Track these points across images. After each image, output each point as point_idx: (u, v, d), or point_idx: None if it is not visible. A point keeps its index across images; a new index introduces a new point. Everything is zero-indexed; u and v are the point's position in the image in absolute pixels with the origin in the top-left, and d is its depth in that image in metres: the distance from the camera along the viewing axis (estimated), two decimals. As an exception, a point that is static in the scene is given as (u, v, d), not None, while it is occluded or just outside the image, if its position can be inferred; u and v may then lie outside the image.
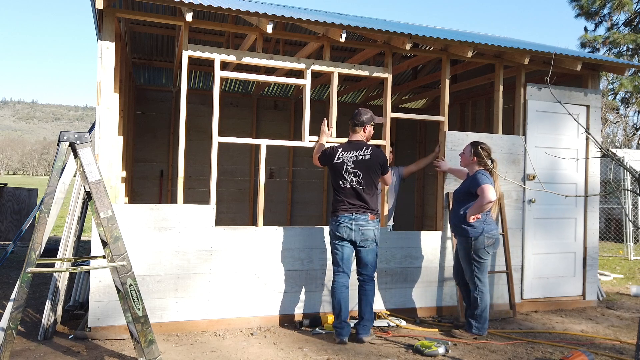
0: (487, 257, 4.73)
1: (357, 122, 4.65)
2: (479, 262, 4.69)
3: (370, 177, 4.56)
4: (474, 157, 4.80)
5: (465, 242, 4.70)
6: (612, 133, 23.23)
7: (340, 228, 4.50)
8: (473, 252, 4.67)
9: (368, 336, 4.48)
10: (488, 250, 4.69)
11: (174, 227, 4.61)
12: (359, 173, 4.53)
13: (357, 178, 4.53)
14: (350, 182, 4.54)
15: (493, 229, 4.71)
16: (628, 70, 6.46)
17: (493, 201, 4.53)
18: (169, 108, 8.12)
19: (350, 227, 4.48)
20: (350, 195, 4.54)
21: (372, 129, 4.73)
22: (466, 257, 4.74)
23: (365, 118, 4.65)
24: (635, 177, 3.14)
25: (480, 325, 4.72)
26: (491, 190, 4.52)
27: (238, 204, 8.50)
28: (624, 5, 17.68)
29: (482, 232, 4.63)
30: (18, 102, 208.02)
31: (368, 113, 4.68)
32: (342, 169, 4.55)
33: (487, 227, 4.67)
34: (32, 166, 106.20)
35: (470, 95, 8.21)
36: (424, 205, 9.36)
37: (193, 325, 4.66)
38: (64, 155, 3.49)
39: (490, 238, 4.67)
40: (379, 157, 4.63)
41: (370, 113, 4.70)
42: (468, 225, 4.67)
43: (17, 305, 3.33)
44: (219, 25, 5.08)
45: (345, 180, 4.55)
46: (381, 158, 4.64)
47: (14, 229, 9.75)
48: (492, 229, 4.70)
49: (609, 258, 10.37)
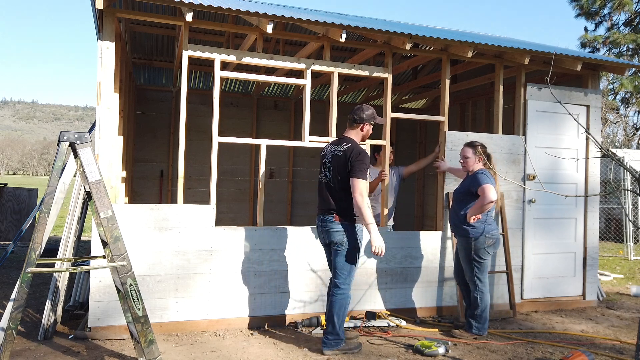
0: (488, 257, 4.72)
1: (356, 118, 4.23)
2: (479, 262, 4.69)
3: (338, 174, 4.09)
4: (479, 158, 4.79)
5: (466, 242, 4.70)
6: (612, 133, 23.24)
7: (317, 230, 4.32)
8: (473, 253, 4.67)
9: (329, 350, 4.09)
10: (488, 251, 4.69)
11: (174, 227, 4.61)
12: (331, 169, 4.14)
13: (329, 173, 4.16)
14: (324, 177, 4.21)
15: (493, 229, 4.71)
16: (628, 70, 6.46)
17: (494, 201, 4.52)
18: (169, 108, 8.12)
19: (320, 228, 4.24)
20: (322, 192, 4.23)
21: (371, 129, 4.31)
22: (466, 258, 4.74)
23: (366, 115, 4.22)
24: (635, 177, 3.14)
25: (481, 325, 4.72)
26: (492, 190, 4.51)
27: (238, 204, 8.50)
28: (624, 5, 17.68)
29: (483, 232, 4.63)
30: (18, 102, 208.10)
31: (369, 110, 4.26)
32: (321, 163, 4.28)
33: (488, 227, 4.66)
34: (32, 166, 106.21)
35: (470, 95, 8.21)
36: (424, 205, 9.36)
37: (193, 325, 4.66)
38: (64, 155, 3.48)
39: (491, 238, 4.67)
40: (351, 154, 4.05)
41: (371, 110, 4.27)
42: (468, 226, 4.66)
43: (17, 305, 3.33)
44: (219, 25, 5.08)
45: (321, 174, 4.26)
46: (352, 156, 4.03)
47: (14, 229, 9.75)
48: (492, 229, 4.70)
49: (609, 258, 10.37)
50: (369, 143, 5.29)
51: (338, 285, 4.15)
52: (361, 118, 4.24)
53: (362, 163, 4.02)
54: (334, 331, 4.12)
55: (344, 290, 4.14)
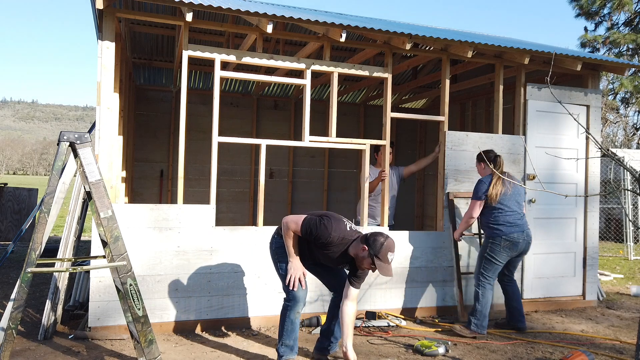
0: (500, 259, 4.81)
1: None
2: (490, 260, 4.81)
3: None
4: (484, 164, 4.99)
5: (485, 241, 4.91)
6: (612, 133, 23.26)
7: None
8: (488, 250, 4.81)
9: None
10: (504, 252, 4.78)
11: (174, 227, 4.61)
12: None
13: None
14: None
15: (513, 232, 4.77)
16: (628, 70, 6.44)
17: (474, 217, 4.93)
18: (169, 108, 8.12)
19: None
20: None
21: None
22: (481, 253, 4.92)
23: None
24: (635, 177, 3.14)
25: (479, 322, 4.73)
26: (476, 208, 4.87)
27: (238, 203, 8.50)
28: (624, 5, 17.67)
29: (501, 233, 4.76)
30: (18, 102, 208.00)
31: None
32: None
33: (507, 229, 4.77)
34: (32, 166, 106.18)
35: (470, 95, 8.21)
36: (424, 205, 9.36)
37: (193, 325, 4.66)
38: (64, 155, 3.48)
39: (508, 240, 4.75)
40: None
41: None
42: (487, 227, 4.87)
43: (17, 305, 3.33)
44: (219, 25, 5.08)
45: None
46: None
47: (14, 229, 9.75)
48: (512, 231, 4.77)
49: (609, 258, 10.37)
50: (368, 143, 5.29)
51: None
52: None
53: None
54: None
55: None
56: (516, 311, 4.98)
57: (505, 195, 4.79)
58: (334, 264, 3.85)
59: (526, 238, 4.83)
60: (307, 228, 3.64)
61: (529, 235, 4.87)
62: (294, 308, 3.78)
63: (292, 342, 3.81)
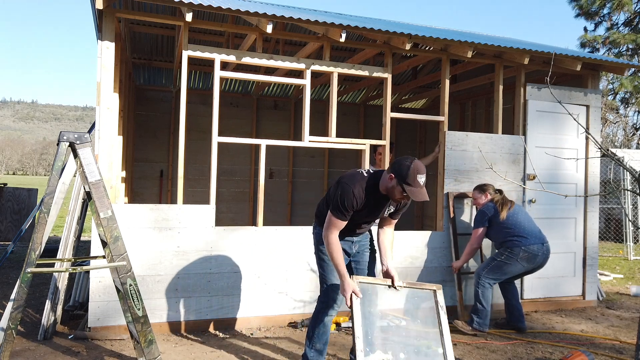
0: (514, 269, 4.84)
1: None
2: (500, 267, 4.84)
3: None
4: (485, 195, 5.11)
5: (502, 250, 4.92)
6: (612, 133, 23.26)
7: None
8: (503, 258, 4.84)
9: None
10: (520, 263, 4.81)
11: (174, 227, 4.61)
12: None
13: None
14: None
15: (531, 244, 4.80)
16: (628, 70, 6.46)
17: (478, 247, 5.02)
18: (169, 108, 8.12)
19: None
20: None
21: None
22: (492, 257, 4.97)
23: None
24: (635, 177, 3.14)
25: (482, 320, 4.78)
26: (480, 236, 4.97)
27: (238, 204, 8.50)
28: (623, 5, 17.67)
29: (520, 244, 4.79)
30: (18, 102, 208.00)
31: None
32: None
33: (526, 240, 4.80)
34: (32, 166, 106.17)
35: (470, 95, 8.21)
36: (424, 205, 9.36)
37: (193, 325, 4.66)
38: (64, 155, 3.48)
39: (527, 252, 4.78)
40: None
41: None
42: (505, 242, 4.88)
43: (17, 305, 3.33)
44: (219, 25, 5.08)
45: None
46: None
47: (14, 229, 9.74)
48: (530, 242, 4.80)
49: (609, 258, 10.37)
50: (368, 143, 5.29)
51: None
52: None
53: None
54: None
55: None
56: (516, 311, 4.99)
57: (513, 210, 4.96)
58: (377, 213, 3.53)
59: (545, 252, 4.84)
60: (341, 215, 3.33)
61: (548, 250, 4.87)
62: (327, 310, 3.62)
63: (322, 346, 3.64)
